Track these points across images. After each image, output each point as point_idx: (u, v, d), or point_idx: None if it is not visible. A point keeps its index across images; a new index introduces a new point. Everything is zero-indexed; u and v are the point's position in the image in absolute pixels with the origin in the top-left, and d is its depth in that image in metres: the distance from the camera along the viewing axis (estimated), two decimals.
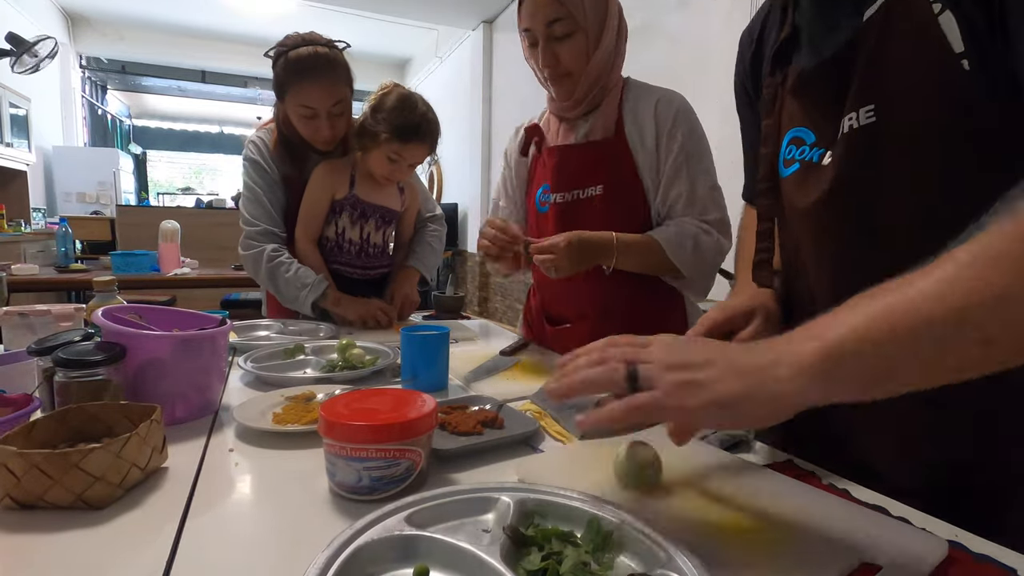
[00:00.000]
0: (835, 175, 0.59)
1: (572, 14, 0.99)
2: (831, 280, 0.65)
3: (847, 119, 0.57)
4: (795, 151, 0.65)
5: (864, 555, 0.43)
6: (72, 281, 2.82)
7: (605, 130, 1.08)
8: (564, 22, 0.99)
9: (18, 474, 0.48)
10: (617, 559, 0.43)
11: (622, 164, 1.07)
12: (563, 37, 1.01)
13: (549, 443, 0.70)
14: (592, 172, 1.09)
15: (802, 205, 0.64)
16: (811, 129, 0.63)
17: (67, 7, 6.07)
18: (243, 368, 0.94)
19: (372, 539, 0.41)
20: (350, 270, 1.51)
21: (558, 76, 1.05)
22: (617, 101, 1.09)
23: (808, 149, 0.63)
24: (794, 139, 0.65)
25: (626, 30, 1.09)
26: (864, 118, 0.55)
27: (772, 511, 0.50)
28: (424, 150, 1.40)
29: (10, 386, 0.68)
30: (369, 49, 7.02)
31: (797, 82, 0.64)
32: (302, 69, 1.31)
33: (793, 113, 0.65)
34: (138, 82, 8.03)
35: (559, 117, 1.15)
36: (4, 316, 0.96)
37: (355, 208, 1.46)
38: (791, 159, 0.65)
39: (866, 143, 0.56)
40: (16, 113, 4.83)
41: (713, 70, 2.78)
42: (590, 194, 1.09)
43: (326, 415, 0.52)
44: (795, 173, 0.65)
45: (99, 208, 5.94)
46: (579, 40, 1.01)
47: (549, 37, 1.01)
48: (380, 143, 1.35)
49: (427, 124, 1.37)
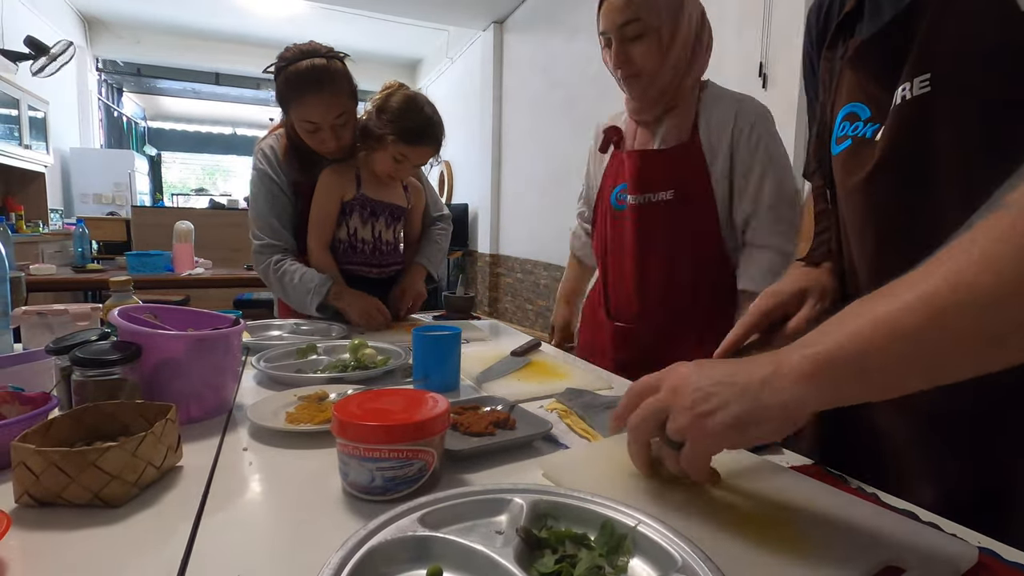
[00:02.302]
0: (884, 150, 0.57)
1: (644, 16, 1.02)
2: (871, 264, 0.63)
3: (900, 90, 0.55)
4: (848, 127, 0.63)
5: (889, 558, 0.42)
6: (89, 281, 2.86)
7: (680, 134, 1.10)
8: (636, 24, 1.02)
9: (36, 472, 0.49)
10: (631, 561, 0.42)
11: (694, 170, 1.09)
12: (635, 38, 1.04)
13: (575, 440, 0.71)
14: (664, 177, 1.11)
15: (850, 182, 0.63)
16: (866, 104, 0.61)
17: (84, 11, 6.16)
18: (256, 368, 0.95)
19: (386, 540, 0.41)
20: (366, 270, 1.52)
21: (630, 76, 1.08)
22: (694, 105, 1.10)
23: (862, 125, 0.61)
24: (848, 115, 0.63)
25: (710, 38, 1.11)
26: (918, 88, 0.54)
27: (794, 512, 0.49)
28: (429, 151, 1.40)
29: (29, 384, 0.69)
30: (380, 50, 7.06)
31: (855, 53, 0.62)
32: (301, 84, 1.30)
33: (850, 88, 0.63)
34: (153, 84, 8.15)
35: (635, 119, 1.18)
36: (23, 315, 0.97)
37: (365, 207, 1.47)
38: (843, 136, 0.64)
39: (918, 115, 0.54)
40: (35, 116, 4.91)
41: (727, 73, 2.77)
42: (661, 198, 1.11)
43: (339, 415, 0.52)
44: (846, 150, 0.64)
45: (115, 209, 6.03)
46: (651, 41, 1.04)
47: (622, 38, 1.05)
48: (386, 145, 1.36)
49: (432, 126, 1.38)
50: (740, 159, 1.07)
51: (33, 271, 2.76)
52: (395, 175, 1.44)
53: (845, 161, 0.64)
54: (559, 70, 4.38)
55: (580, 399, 0.82)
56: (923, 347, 0.37)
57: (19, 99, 4.55)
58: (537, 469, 0.60)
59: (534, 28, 4.89)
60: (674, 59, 1.06)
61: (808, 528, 0.47)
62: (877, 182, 0.59)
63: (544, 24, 4.70)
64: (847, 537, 0.45)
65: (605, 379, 0.97)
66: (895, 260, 0.60)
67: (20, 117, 4.59)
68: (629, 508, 0.45)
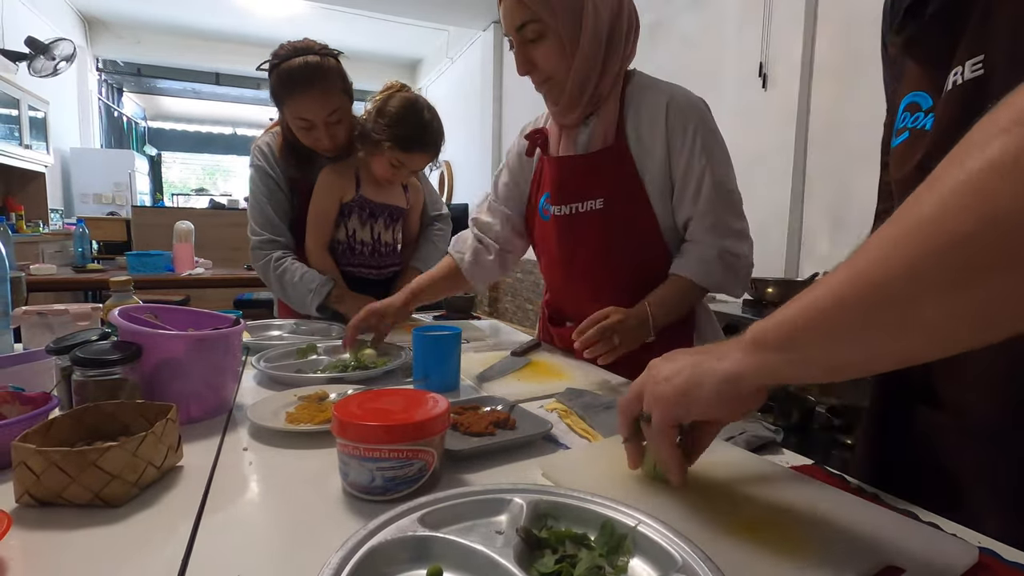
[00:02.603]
0: (934, 138, 0.54)
1: (540, 15, 0.93)
2: None
3: (952, 74, 0.53)
4: (908, 119, 0.59)
5: (888, 557, 0.42)
6: (89, 281, 2.86)
7: (605, 137, 1.02)
8: (534, 25, 0.94)
9: (37, 471, 0.49)
10: (631, 562, 0.42)
11: (623, 175, 1.01)
12: (536, 40, 0.95)
13: (575, 440, 0.71)
14: (592, 185, 1.03)
15: (901, 175, 0.60)
16: (927, 92, 0.58)
17: (84, 11, 6.17)
18: (256, 368, 0.95)
19: (386, 540, 0.41)
20: (365, 271, 1.51)
21: (540, 81, 1.01)
22: (617, 104, 1.01)
23: (922, 116, 0.58)
24: (910, 104, 0.60)
25: (632, 27, 1.01)
26: (970, 71, 0.51)
27: (794, 512, 0.49)
28: (427, 158, 1.39)
29: (29, 384, 0.69)
30: (380, 50, 7.06)
31: (910, 37, 0.59)
32: (293, 82, 1.29)
33: (912, 75, 0.60)
34: (153, 84, 8.15)
35: (558, 124, 1.08)
36: (23, 315, 0.97)
37: (364, 209, 1.46)
38: (902, 128, 0.60)
39: (970, 100, 0.51)
40: (35, 116, 4.91)
41: (726, 71, 2.76)
42: (590, 207, 1.04)
43: (340, 415, 0.52)
44: (903, 143, 0.60)
45: (115, 209, 6.03)
46: (553, 43, 0.95)
47: (522, 41, 0.97)
48: (383, 151, 1.35)
49: (430, 134, 1.36)
50: (676, 161, 0.99)
51: (33, 271, 2.76)
52: (393, 179, 1.43)
53: (900, 155, 0.61)
54: None
55: (580, 399, 0.82)
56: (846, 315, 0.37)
57: (19, 99, 4.55)
58: (537, 469, 0.60)
59: None
60: (583, 58, 0.95)
61: (808, 528, 0.47)
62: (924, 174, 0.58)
63: None
64: (847, 537, 0.45)
65: (606, 379, 0.97)
66: None
67: (20, 117, 4.59)
68: (629, 508, 0.45)
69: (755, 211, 1.07)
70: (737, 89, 2.71)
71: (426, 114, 1.37)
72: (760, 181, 2.58)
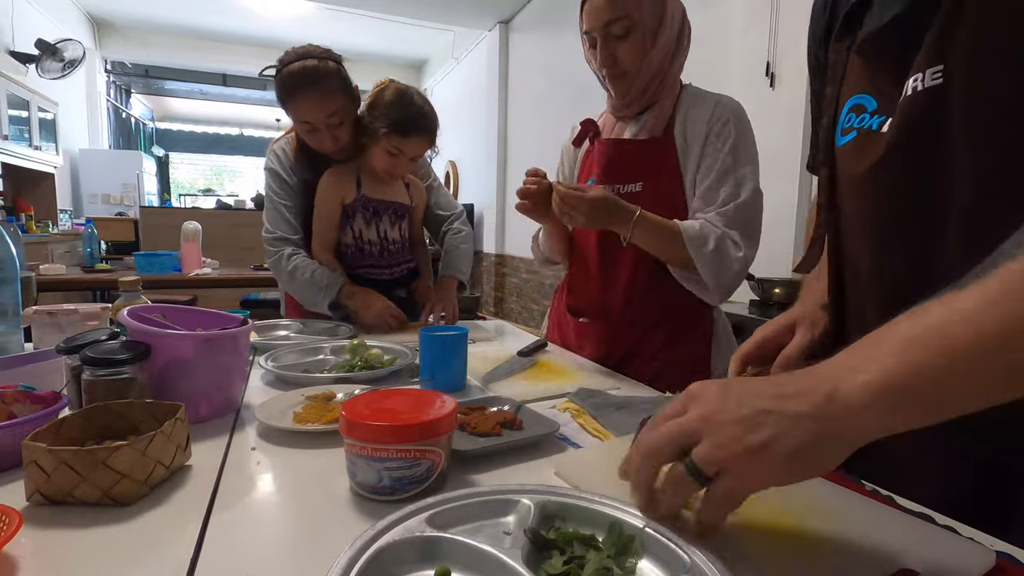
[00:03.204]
0: (892, 140, 0.57)
1: (629, 13, 1.00)
2: (872, 255, 0.63)
3: (911, 81, 0.55)
4: (854, 119, 0.62)
5: (903, 560, 0.42)
6: (98, 281, 2.89)
7: (654, 129, 1.09)
8: (622, 22, 1.01)
9: (48, 470, 0.49)
10: (640, 563, 0.42)
11: (664, 163, 1.07)
12: (622, 36, 1.02)
13: (587, 439, 0.71)
14: (636, 168, 1.10)
15: (854, 173, 0.62)
16: (874, 95, 0.61)
17: (93, 13, 6.21)
18: (264, 367, 0.95)
19: (394, 540, 0.41)
20: (377, 271, 1.52)
21: (615, 76, 1.06)
22: (672, 102, 1.09)
23: (868, 117, 0.61)
24: (854, 107, 0.63)
25: (689, 33, 1.09)
26: (930, 79, 0.53)
27: (807, 513, 0.49)
28: (423, 142, 1.41)
29: (39, 383, 0.69)
30: (385, 51, 7.08)
31: (864, 44, 0.61)
32: (293, 85, 1.33)
33: (857, 79, 0.63)
34: (161, 86, 8.21)
35: (615, 116, 1.16)
36: (33, 315, 0.98)
37: (367, 208, 1.48)
38: (848, 127, 0.63)
39: (929, 107, 0.53)
40: (44, 117, 4.95)
41: (733, 70, 2.75)
42: (630, 190, 1.09)
43: (347, 415, 0.52)
44: (851, 142, 0.63)
45: (123, 209, 6.07)
46: (637, 39, 1.02)
47: (607, 37, 1.03)
48: (380, 139, 1.37)
49: (424, 117, 1.40)
50: (710, 150, 1.04)
51: (43, 271, 2.79)
52: (393, 171, 1.44)
53: (850, 153, 0.63)
54: (565, 70, 4.37)
55: (592, 399, 0.82)
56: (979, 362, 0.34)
57: (29, 100, 4.59)
58: (545, 469, 0.60)
59: (540, 28, 4.89)
60: (657, 56, 1.04)
61: (821, 530, 0.46)
62: (882, 173, 0.59)
63: (550, 24, 4.70)
64: (861, 539, 0.45)
65: (612, 380, 0.96)
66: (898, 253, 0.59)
67: (30, 118, 4.63)
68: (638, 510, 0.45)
69: (763, 210, 1.07)
70: (744, 88, 2.70)
71: (418, 99, 1.40)
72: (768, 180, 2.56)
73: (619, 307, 1.12)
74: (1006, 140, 0.49)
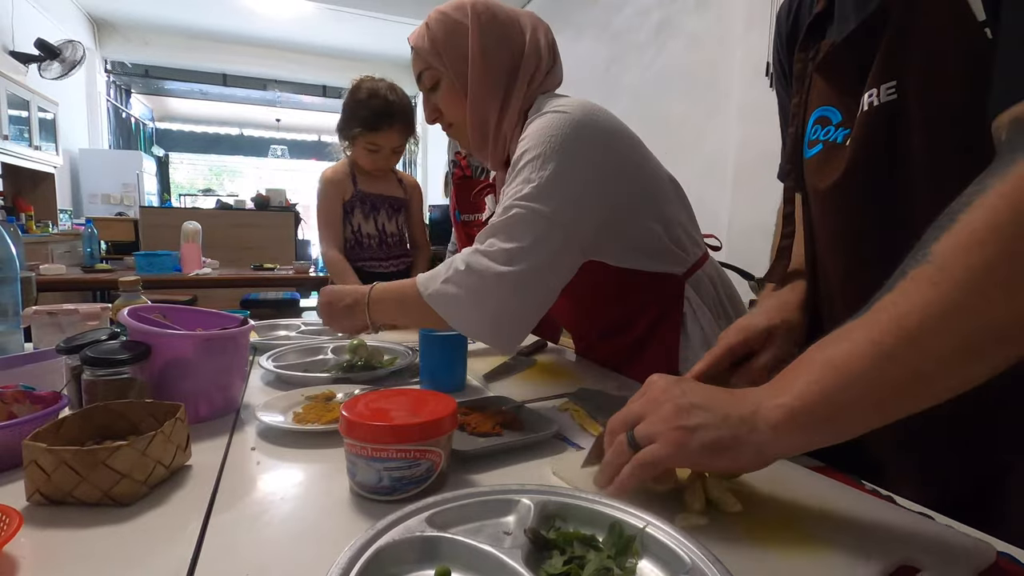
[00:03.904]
0: (851, 156, 0.57)
1: (431, 63, 0.92)
2: (843, 269, 0.63)
3: (867, 96, 0.55)
4: (820, 131, 0.63)
5: (905, 557, 0.42)
6: (98, 281, 2.89)
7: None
8: (429, 72, 0.94)
9: (48, 470, 0.49)
10: (640, 563, 0.42)
11: None
12: (433, 87, 0.95)
13: (587, 440, 0.71)
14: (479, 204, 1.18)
15: (821, 187, 0.62)
16: (837, 108, 0.61)
17: (93, 13, 6.21)
18: (264, 367, 0.95)
19: (394, 540, 0.41)
20: (374, 264, 1.58)
21: (445, 127, 0.99)
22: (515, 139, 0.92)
23: (833, 129, 0.61)
24: (820, 119, 0.63)
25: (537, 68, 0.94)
26: (885, 95, 0.53)
27: (807, 511, 0.49)
28: (397, 133, 1.46)
29: (39, 383, 0.69)
30: (385, 51, 7.06)
31: (824, 58, 0.62)
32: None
33: (820, 91, 0.63)
34: (161, 86, 8.20)
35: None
36: (33, 315, 0.98)
37: (364, 202, 1.54)
38: (815, 140, 0.63)
39: (885, 122, 0.54)
40: (44, 117, 4.95)
41: (732, 70, 2.75)
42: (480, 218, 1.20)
43: (347, 415, 0.52)
44: (818, 154, 0.63)
45: (123, 209, 6.07)
46: (446, 88, 0.93)
47: (424, 89, 0.97)
48: (356, 138, 1.45)
49: (391, 108, 1.44)
50: None
51: (43, 271, 2.79)
52: (377, 165, 1.50)
53: (817, 166, 0.63)
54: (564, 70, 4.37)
55: (593, 399, 0.82)
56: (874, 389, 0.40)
57: (29, 100, 4.58)
58: (545, 469, 0.60)
59: None
60: (474, 101, 0.91)
61: (821, 528, 0.46)
62: (846, 187, 0.59)
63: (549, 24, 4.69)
64: (861, 536, 0.45)
65: (611, 380, 0.96)
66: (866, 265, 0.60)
67: (30, 118, 4.63)
68: (638, 509, 0.45)
69: (762, 211, 1.06)
70: (744, 88, 2.70)
71: (388, 94, 1.45)
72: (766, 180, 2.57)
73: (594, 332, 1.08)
74: (962, 152, 0.50)
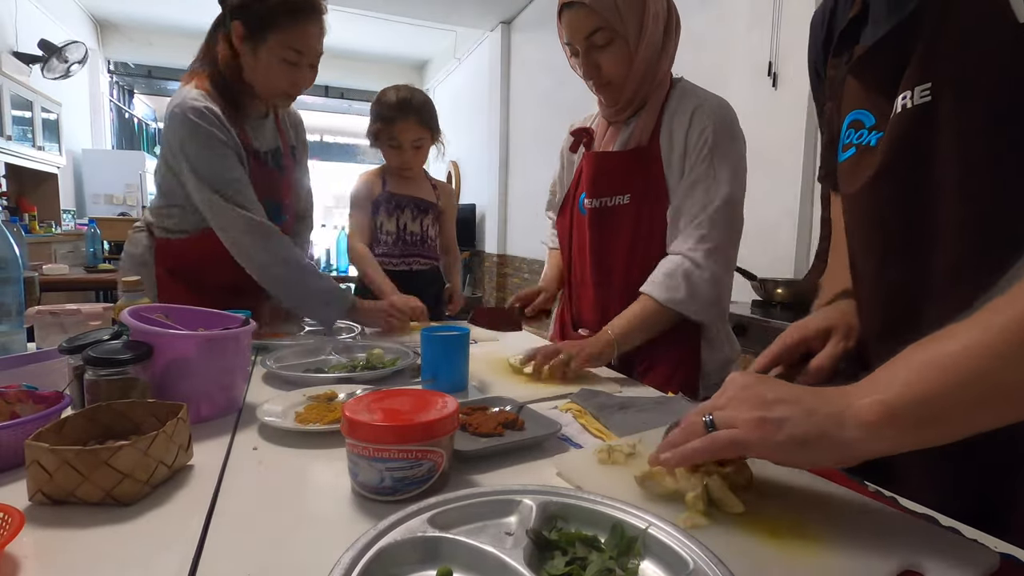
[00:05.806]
0: (884, 156, 0.57)
1: (610, 23, 0.98)
2: (873, 271, 0.63)
3: (901, 98, 0.55)
4: (853, 135, 0.63)
5: (907, 561, 0.42)
6: (100, 281, 2.89)
7: (641, 137, 1.07)
8: (603, 32, 0.99)
9: (50, 470, 0.49)
10: (642, 564, 0.42)
11: (650, 174, 1.06)
12: (604, 46, 1.01)
13: (589, 439, 0.71)
14: (622, 181, 1.09)
15: (852, 190, 0.63)
16: (871, 111, 0.61)
17: (96, 14, 6.22)
18: (266, 367, 0.95)
19: (395, 540, 0.41)
20: (385, 260, 1.63)
21: (601, 85, 1.06)
22: (660, 104, 1.07)
23: (866, 133, 0.61)
24: (853, 122, 0.63)
25: (677, 24, 1.06)
26: (919, 97, 0.53)
27: (811, 514, 0.49)
28: (413, 124, 1.57)
29: (42, 383, 0.69)
30: (387, 51, 7.07)
31: (858, 61, 0.62)
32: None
33: (855, 95, 0.63)
34: (164, 86, 8.21)
35: (608, 121, 1.16)
36: (36, 315, 0.98)
37: (390, 201, 1.64)
38: (848, 143, 0.64)
39: (918, 124, 0.54)
40: (47, 117, 4.96)
41: (736, 72, 2.75)
42: (618, 202, 1.10)
43: (350, 415, 0.52)
44: (851, 158, 0.63)
45: (126, 209, 6.08)
46: (619, 47, 1.01)
47: (590, 48, 1.02)
48: (379, 135, 1.58)
49: (405, 101, 1.56)
50: (689, 160, 1.03)
51: (46, 271, 2.79)
52: (402, 163, 1.61)
53: (849, 169, 0.64)
54: (567, 70, 4.34)
55: (595, 399, 0.82)
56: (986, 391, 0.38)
57: (32, 101, 4.59)
58: (547, 470, 0.60)
59: (542, 28, 4.88)
60: (642, 62, 1.02)
61: (825, 531, 0.46)
62: (877, 190, 0.59)
63: (552, 24, 4.65)
64: (865, 540, 0.45)
65: (615, 380, 0.96)
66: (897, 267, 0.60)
67: (33, 119, 4.64)
68: (640, 510, 0.45)
69: (765, 211, 1.06)
70: (747, 88, 2.70)
71: (401, 91, 1.57)
72: (769, 180, 2.56)
73: None
74: (995, 154, 0.50)
